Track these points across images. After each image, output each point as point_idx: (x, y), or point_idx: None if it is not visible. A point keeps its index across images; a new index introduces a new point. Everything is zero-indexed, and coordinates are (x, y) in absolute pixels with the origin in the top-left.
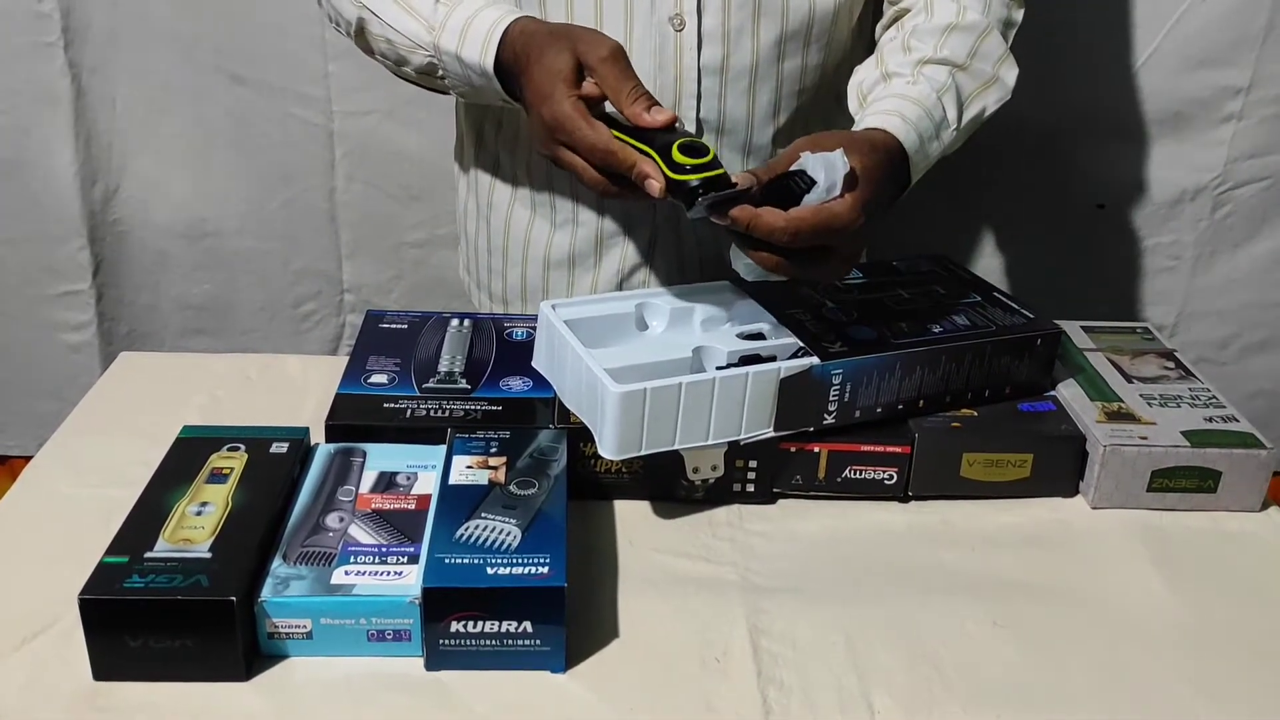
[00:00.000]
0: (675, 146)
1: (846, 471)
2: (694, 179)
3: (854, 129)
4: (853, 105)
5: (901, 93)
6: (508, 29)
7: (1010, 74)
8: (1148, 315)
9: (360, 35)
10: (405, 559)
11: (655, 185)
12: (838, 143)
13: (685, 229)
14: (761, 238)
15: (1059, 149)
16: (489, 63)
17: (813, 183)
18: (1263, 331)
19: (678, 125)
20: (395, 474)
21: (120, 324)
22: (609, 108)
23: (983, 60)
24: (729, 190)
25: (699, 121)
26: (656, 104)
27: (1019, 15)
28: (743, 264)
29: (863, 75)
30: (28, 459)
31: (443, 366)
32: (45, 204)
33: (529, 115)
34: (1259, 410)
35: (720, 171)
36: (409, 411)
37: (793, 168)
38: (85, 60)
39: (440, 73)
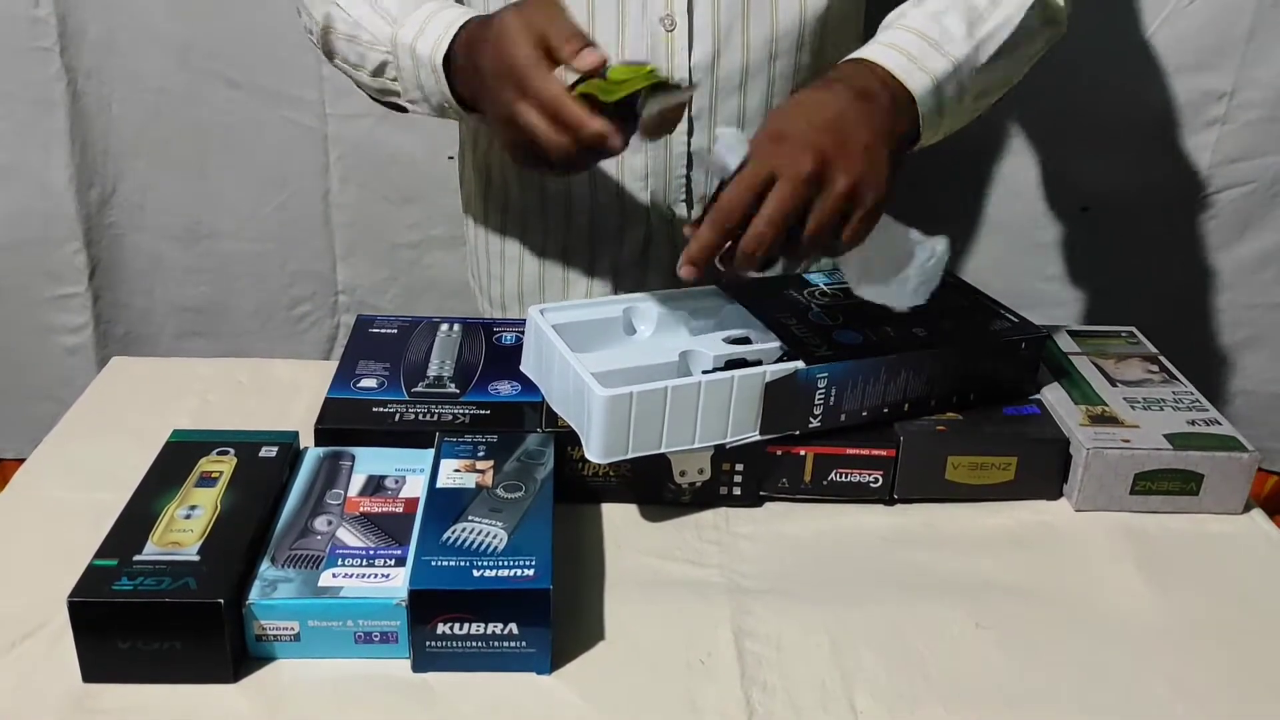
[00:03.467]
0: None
1: (832, 474)
2: (627, 91)
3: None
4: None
5: (897, 23)
6: (465, 23)
7: None
8: (1132, 318)
9: (326, 35)
10: (392, 561)
11: (616, 143)
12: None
13: (680, 229)
14: (720, 242)
15: (1043, 152)
16: (439, 57)
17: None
18: (1245, 331)
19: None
20: (383, 477)
21: (116, 326)
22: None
23: None
24: (670, 89)
25: (690, 119)
26: (590, 45)
27: None
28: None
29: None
30: (24, 461)
31: (432, 371)
32: (41, 208)
33: (485, 90)
34: (1241, 409)
35: (649, 69)
36: (398, 415)
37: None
38: (81, 65)
39: (393, 74)
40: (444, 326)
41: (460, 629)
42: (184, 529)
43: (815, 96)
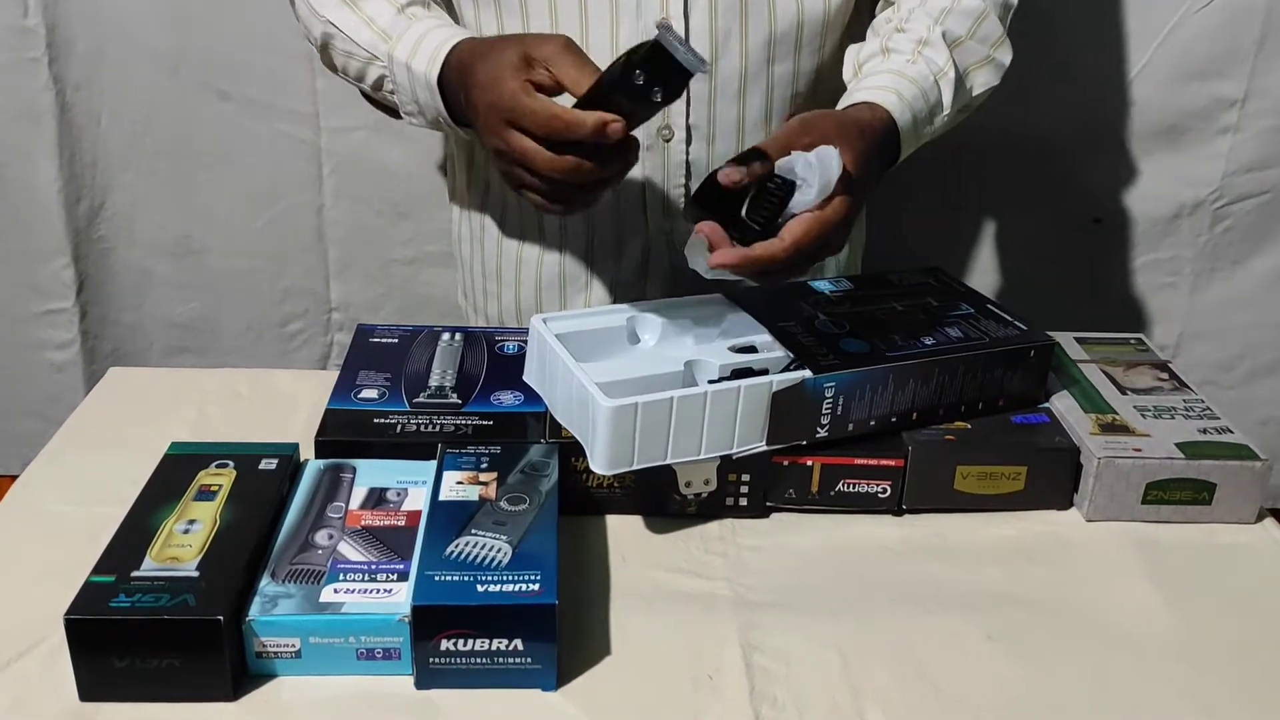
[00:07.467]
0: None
1: (840, 485)
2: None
3: (847, 98)
4: (847, 74)
5: (899, 69)
6: (458, 44)
7: (1005, 56)
8: (1148, 334)
9: (325, 50)
10: (395, 576)
11: (617, 126)
12: (830, 123)
13: (679, 243)
14: (765, 270)
15: (1055, 163)
16: (434, 75)
17: (789, 185)
18: (1270, 353)
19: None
20: (385, 490)
21: (104, 342)
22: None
23: (980, 42)
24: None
25: (688, 128)
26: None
27: None
28: (701, 262)
29: (860, 47)
30: (11, 478)
31: (433, 381)
32: (28, 221)
33: (477, 120)
34: (1270, 437)
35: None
36: (399, 427)
37: (778, 166)
38: (70, 76)
39: (390, 87)
40: (445, 336)
41: (464, 645)
42: (183, 544)
43: (872, 171)
